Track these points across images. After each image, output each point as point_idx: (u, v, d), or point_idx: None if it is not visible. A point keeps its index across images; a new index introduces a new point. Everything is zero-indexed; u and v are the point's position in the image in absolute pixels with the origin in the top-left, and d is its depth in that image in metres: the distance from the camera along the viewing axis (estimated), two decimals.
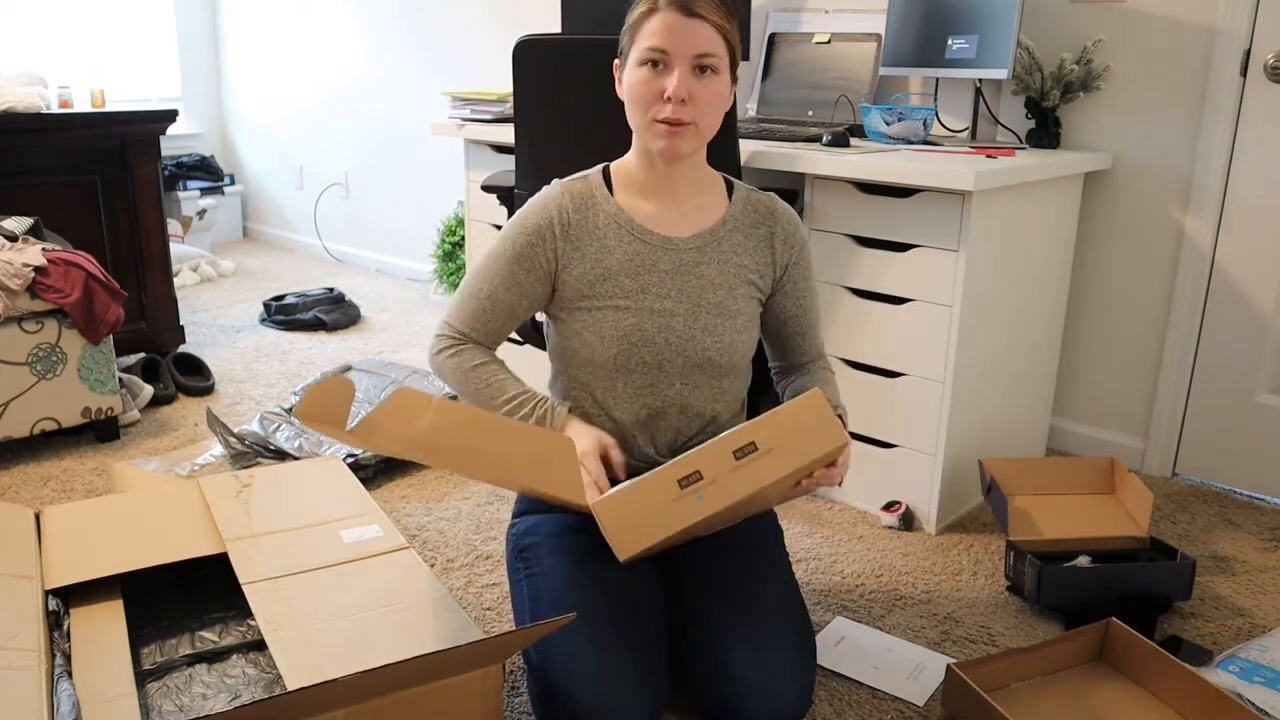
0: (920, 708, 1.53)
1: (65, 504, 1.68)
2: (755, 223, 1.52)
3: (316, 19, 4.58)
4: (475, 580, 1.86)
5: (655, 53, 1.36)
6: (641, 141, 1.45)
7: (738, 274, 1.50)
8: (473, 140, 2.73)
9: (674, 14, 1.35)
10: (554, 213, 1.47)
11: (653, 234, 1.47)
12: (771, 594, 1.42)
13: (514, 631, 1.18)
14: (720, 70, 1.39)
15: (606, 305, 1.45)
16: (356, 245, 4.71)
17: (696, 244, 1.48)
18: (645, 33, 1.37)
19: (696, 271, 1.48)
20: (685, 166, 1.46)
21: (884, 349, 2.10)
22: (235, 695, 1.44)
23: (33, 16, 4.54)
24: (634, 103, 1.40)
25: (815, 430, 1.24)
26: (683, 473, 1.22)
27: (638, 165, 1.48)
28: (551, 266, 1.47)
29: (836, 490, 2.24)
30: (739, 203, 1.53)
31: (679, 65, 1.36)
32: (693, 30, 1.35)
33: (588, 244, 1.46)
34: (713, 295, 1.48)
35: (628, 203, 1.49)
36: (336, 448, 2.30)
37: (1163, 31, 2.27)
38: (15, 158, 2.69)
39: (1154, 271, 2.38)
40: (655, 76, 1.37)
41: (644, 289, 1.46)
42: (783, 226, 1.53)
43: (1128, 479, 2.03)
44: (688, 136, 1.39)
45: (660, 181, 1.48)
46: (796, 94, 2.67)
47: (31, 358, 2.31)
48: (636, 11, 1.40)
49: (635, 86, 1.39)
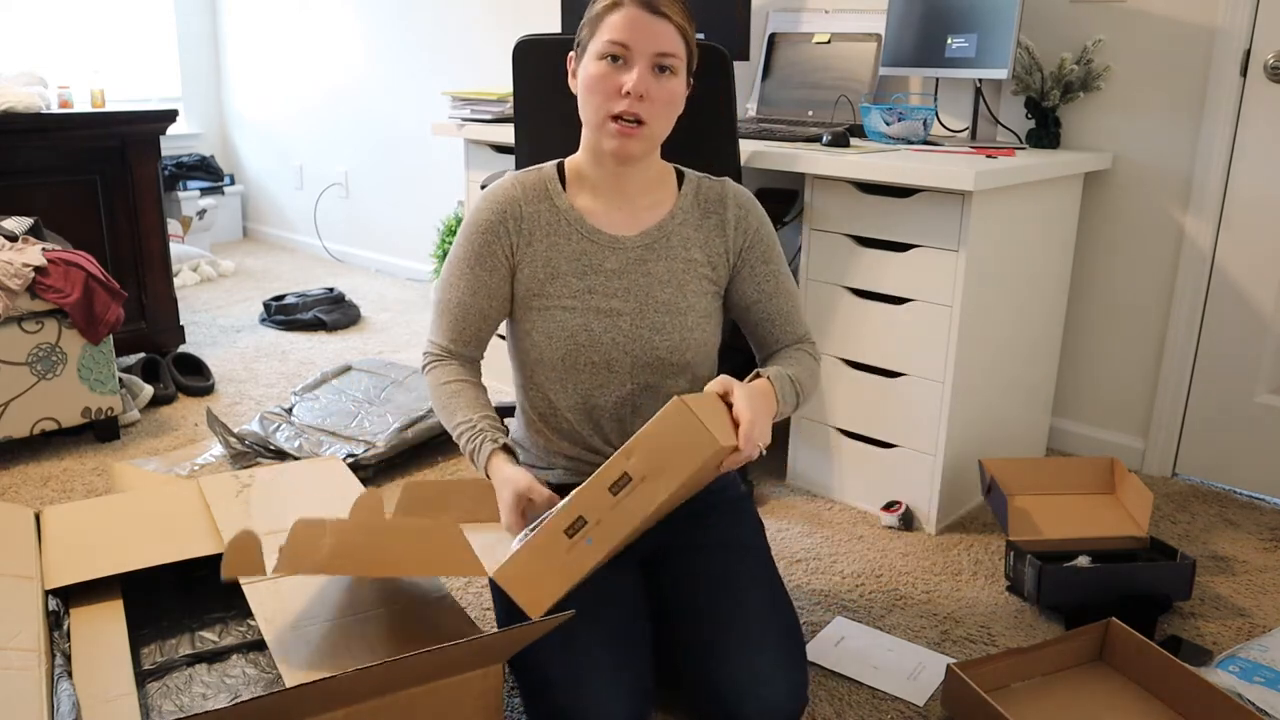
0: (920, 708, 1.53)
1: (65, 504, 1.68)
2: (706, 212, 1.50)
3: (316, 19, 4.58)
4: (475, 580, 1.86)
5: (616, 47, 1.35)
6: (593, 138, 1.42)
7: (687, 269, 1.48)
8: (473, 140, 2.73)
9: (638, 10, 1.34)
10: (505, 206, 1.46)
11: (600, 233, 1.46)
12: (758, 594, 1.41)
13: (513, 631, 1.18)
14: (678, 72, 1.38)
15: (554, 305, 1.45)
16: (356, 245, 4.71)
17: (644, 241, 1.47)
18: (607, 26, 1.36)
19: (643, 270, 1.46)
20: (636, 167, 1.45)
21: (884, 349, 2.10)
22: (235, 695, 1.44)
23: (33, 16, 4.54)
24: (589, 96, 1.38)
25: (684, 443, 1.20)
26: (566, 522, 1.20)
27: (588, 162, 1.47)
28: (510, 262, 1.46)
29: (836, 490, 2.25)
30: (688, 194, 1.51)
31: (639, 62, 1.35)
32: (656, 28, 1.34)
33: (539, 239, 1.46)
34: (660, 293, 1.46)
35: (578, 200, 1.48)
36: (337, 447, 2.30)
37: (1163, 31, 2.27)
38: (15, 158, 2.69)
39: (1154, 271, 2.38)
40: (614, 71, 1.36)
41: (591, 289, 1.45)
42: (733, 211, 1.51)
43: (1128, 479, 2.03)
44: (640, 138, 1.37)
45: (610, 180, 1.46)
46: (796, 94, 2.67)
47: (31, 358, 2.31)
48: (599, 4, 1.38)
49: (593, 80, 1.37)
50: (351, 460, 2.23)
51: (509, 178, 1.49)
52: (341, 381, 2.70)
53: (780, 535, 2.08)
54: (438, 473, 2.35)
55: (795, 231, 2.27)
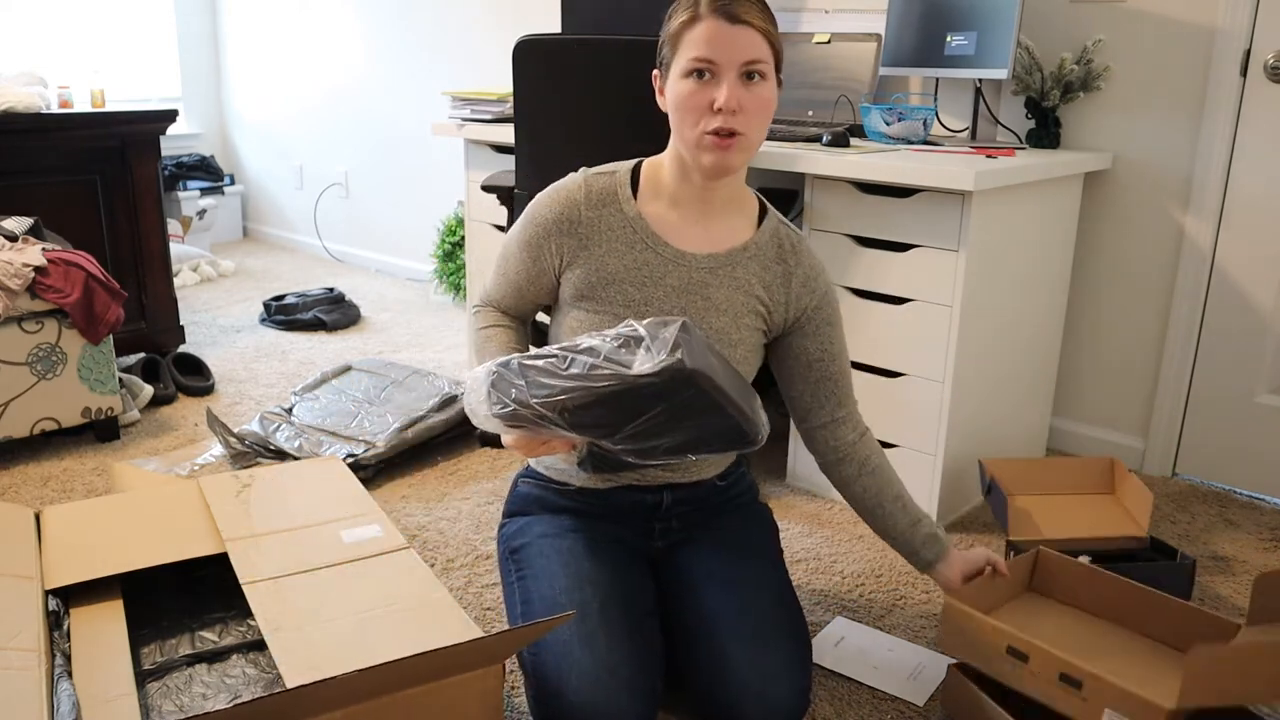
0: (920, 708, 1.53)
1: (65, 504, 1.68)
2: (777, 257, 1.47)
3: (316, 19, 4.58)
4: (475, 580, 1.86)
5: (702, 63, 1.30)
6: (688, 155, 1.37)
7: (746, 302, 1.44)
8: (473, 140, 2.73)
9: (718, 21, 1.29)
10: (564, 208, 1.43)
11: (667, 246, 1.42)
12: (767, 595, 1.42)
13: (513, 631, 1.18)
14: (768, 75, 1.34)
15: (606, 310, 1.42)
16: (356, 245, 4.71)
17: (710, 264, 1.43)
18: (689, 42, 1.32)
19: (704, 293, 1.43)
20: (723, 183, 1.41)
21: (884, 349, 2.10)
22: (235, 695, 1.44)
23: (33, 16, 4.54)
24: (682, 115, 1.34)
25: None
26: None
27: (672, 174, 1.43)
28: (556, 262, 1.45)
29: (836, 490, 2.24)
30: (767, 231, 1.47)
31: (727, 74, 1.30)
32: (739, 37, 1.30)
33: (596, 244, 1.42)
34: (716, 320, 1.43)
35: (650, 209, 1.44)
36: (337, 447, 2.30)
37: (1163, 31, 2.27)
38: (15, 158, 2.69)
39: (1154, 272, 2.38)
40: (703, 87, 1.31)
41: (648, 301, 1.42)
42: (804, 270, 1.48)
43: (1128, 479, 2.03)
44: (739, 149, 1.34)
45: (694, 195, 1.43)
46: (796, 94, 2.67)
47: (31, 358, 2.31)
48: (677, 20, 1.34)
49: (682, 99, 1.33)
50: (351, 460, 2.23)
51: (579, 176, 1.46)
52: (341, 381, 2.70)
53: (781, 535, 2.08)
54: (438, 472, 2.35)
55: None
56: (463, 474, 2.35)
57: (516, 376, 1.21)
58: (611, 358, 1.17)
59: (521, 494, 1.59)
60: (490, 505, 2.17)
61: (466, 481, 2.30)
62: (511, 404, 1.20)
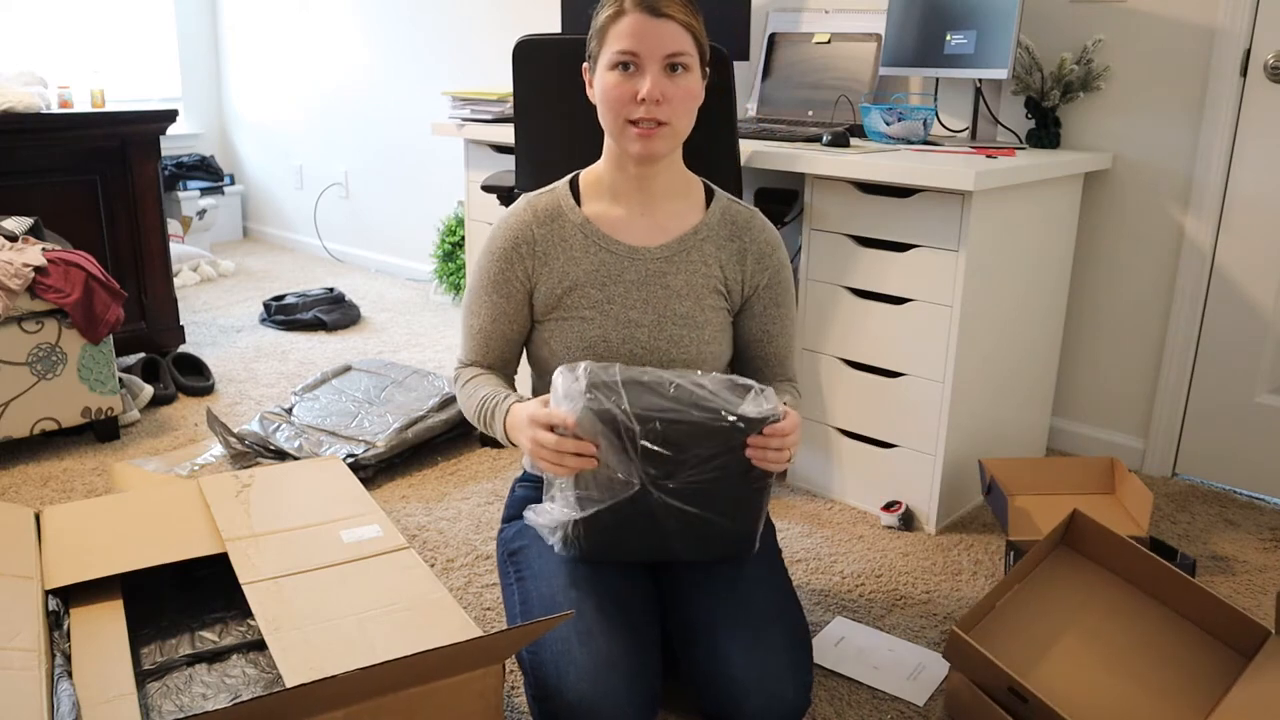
0: (920, 708, 1.53)
1: (65, 504, 1.68)
2: (730, 235, 1.50)
3: (316, 19, 4.58)
4: (475, 580, 1.86)
5: (626, 55, 1.36)
6: (616, 145, 1.43)
7: (706, 283, 1.48)
8: (473, 140, 2.73)
9: (641, 15, 1.35)
10: (517, 232, 1.47)
11: (619, 244, 1.46)
12: (767, 594, 1.42)
13: (513, 631, 1.18)
14: (691, 67, 1.39)
15: (573, 316, 1.46)
16: (356, 245, 4.71)
17: (664, 254, 1.47)
18: (614, 35, 1.37)
19: (663, 282, 1.47)
20: (659, 169, 1.45)
21: (884, 349, 2.10)
22: (235, 695, 1.45)
23: (33, 16, 4.54)
24: (607, 106, 1.40)
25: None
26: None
27: (609, 170, 1.48)
28: (527, 286, 1.48)
29: (836, 490, 2.25)
30: (716, 212, 1.51)
31: (650, 66, 1.36)
32: (662, 30, 1.35)
33: (555, 258, 1.46)
34: (679, 305, 1.46)
35: (596, 210, 1.48)
36: (337, 447, 2.30)
37: (1163, 31, 2.27)
38: (15, 158, 2.69)
39: (1154, 271, 2.38)
40: (627, 79, 1.37)
41: (610, 299, 1.46)
42: (758, 245, 1.51)
43: (1128, 479, 2.03)
44: (663, 137, 1.38)
45: (633, 186, 1.47)
46: (796, 94, 2.67)
47: (31, 358, 2.31)
48: (603, 14, 1.39)
49: (608, 90, 1.38)
50: (351, 460, 2.23)
51: (522, 201, 1.50)
52: (341, 381, 2.70)
53: (780, 535, 2.08)
54: (438, 472, 2.35)
55: (795, 232, 2.27)
56: (463, 474, 2.35)
57: (615, 382, 1.26)
58: (718, 393, 1.26)
59: (520, 498, 1.61)
60: (490, 505, 2.17)
61: (466, 481, 2.30)
62: (608, 403, 1.24)
